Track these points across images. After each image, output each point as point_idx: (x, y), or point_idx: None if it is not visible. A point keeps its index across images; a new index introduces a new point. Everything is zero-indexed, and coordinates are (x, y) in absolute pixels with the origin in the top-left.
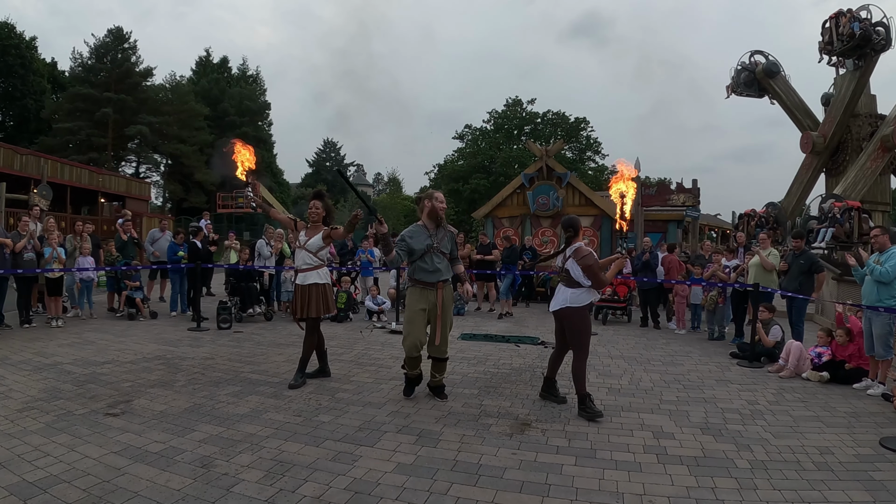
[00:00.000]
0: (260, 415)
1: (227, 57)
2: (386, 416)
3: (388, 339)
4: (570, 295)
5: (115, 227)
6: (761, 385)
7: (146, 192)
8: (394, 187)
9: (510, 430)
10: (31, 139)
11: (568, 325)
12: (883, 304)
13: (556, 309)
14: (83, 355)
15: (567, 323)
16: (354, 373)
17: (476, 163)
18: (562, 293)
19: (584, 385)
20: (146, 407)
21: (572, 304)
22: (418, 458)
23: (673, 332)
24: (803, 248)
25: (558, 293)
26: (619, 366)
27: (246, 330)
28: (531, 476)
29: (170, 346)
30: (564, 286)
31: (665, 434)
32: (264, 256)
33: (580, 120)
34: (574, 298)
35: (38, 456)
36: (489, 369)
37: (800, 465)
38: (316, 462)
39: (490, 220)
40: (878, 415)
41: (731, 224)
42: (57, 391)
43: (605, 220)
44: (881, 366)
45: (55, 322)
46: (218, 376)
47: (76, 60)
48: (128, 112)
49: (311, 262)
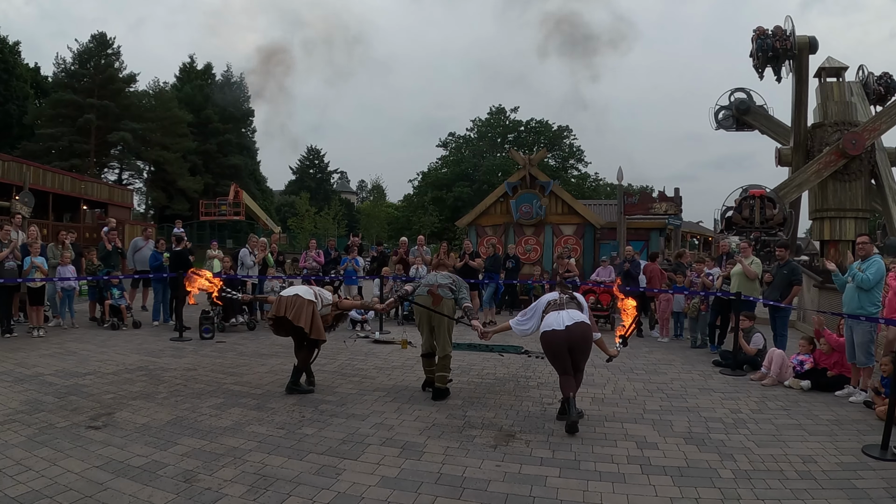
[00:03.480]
0: (243, 427)
1: (210, 63)
2: (370, 427)
3: (371, 349)
4: (586, 315)
5: (101, 235)
6: (744, 393)
7: (129, 200)
8: (377, 195)
9: (494, 441)
10: (14, 144)
11: (584, 342)
12: (864, 312)
13: (571, 323)
14: (65, 366)
15: (584, 339)
16: (338, 384)
17: (460, 171)
18: (572, 312)
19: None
20: (128, 420)
21: (587, 321)
22: (402, 470)
23: (656, 340)
24: (787, 259)
25: (567, 312)
26: (603, 375)
27: (228, 340)
28: (515, 489)
29: (152, 357)
30: (575, 310)
31: (649, 444)
32: (247, 266)
33: (563, 128)
34: (586, 316)
35: (20, 470)
36: (473, 379)
37: (783, 475)
38: (299, 476)
39: (473, 229)
40: (860, 422)
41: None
42: (38, 403)
43: (588, 229)
44: (863, 373)
45: (37, 332)
46: (200, 388)
47: (59, 66)
48: (111, 118)
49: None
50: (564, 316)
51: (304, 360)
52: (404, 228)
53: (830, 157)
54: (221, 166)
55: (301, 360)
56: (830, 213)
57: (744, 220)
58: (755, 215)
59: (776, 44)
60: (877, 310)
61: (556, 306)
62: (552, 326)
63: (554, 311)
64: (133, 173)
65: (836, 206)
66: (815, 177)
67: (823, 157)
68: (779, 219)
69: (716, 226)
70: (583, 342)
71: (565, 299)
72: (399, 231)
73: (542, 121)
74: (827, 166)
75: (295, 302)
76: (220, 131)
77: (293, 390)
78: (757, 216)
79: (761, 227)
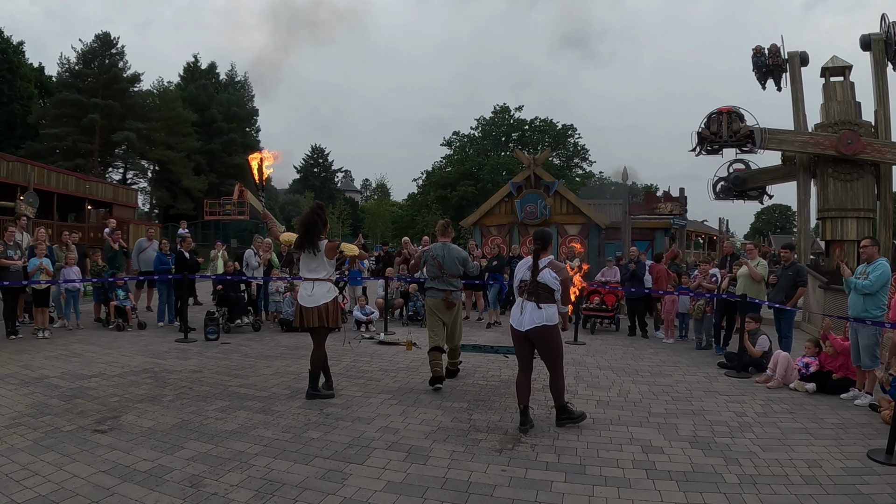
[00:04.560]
0: (248, 431)
1: (214, 63)
2: (375, 431)
3: (376, 350)
4: (544, 313)
5: (104, 236)
6: (749, 396)
7: (133, 199)
8: (381, 193)
9: (500, 445)
10: (18, 144)
11: (544, 345)
12: (868, 315)
13: (530, 328)
14: (70, 368)
15: (543, 342)
16: (343, 386)
17: (464, 169)
18: (533, 312)
19: (564, 395)
20: (134, 423)
21: (549, 322)
22: (408, 475)
23: (661, 342)
24: (792, 260)
25: (527, 311)
26: (608, 377)
27: (233, 341)
28: (521, 494)
29: (157, 359)
30: (534, 303)
31: (654, 448)
32: (252, 266)
33: (567, 127)
34: (550, 316)
35: (26, 475)
36: (478, 381)
37: (788, 480)
38: (305, 481)
39: (478, 229)
40: (865, 426)
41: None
42: (44, 406)
43: (593, 229)
44: (868, 376)
45: (42, 333)
46: (206, 390)
47: (63, 66)
48: (115, 118)
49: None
50: (526, 317)
51: (319, 358)
52: (408, 228)
53: (824, 140)
54: (226, 165)
55: (315, 359)
56: (832, 213)
57: (712, 135)
58: (723, 129)
59: (769, 61)
60: (882, 313)
61: (523, 291)
62: (513, 322)
63: (519, 300)
64: (137, 173)
65: (836, 206)
66: (800, 146)
67: (818, 136)
68: (745, 131)
69: (692, 143)
70: (542, 343)
71: (533, 286)
72: (403, 230)
73: (546, 119)
74: (816, 145)
75: (322, 310)
76: (225, 130)
77: (313, 396)
78: (725, 130)
79: (730, 141)
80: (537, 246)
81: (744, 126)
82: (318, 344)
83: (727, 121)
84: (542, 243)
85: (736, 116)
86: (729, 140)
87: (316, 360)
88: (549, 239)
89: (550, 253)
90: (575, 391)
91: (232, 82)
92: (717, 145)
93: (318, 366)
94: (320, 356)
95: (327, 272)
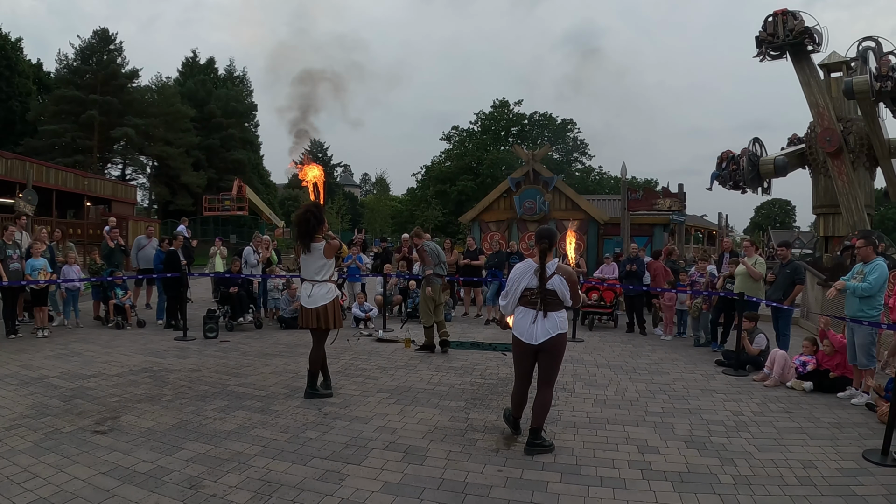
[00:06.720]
0: (247, 431)
1: (213, 58)
2: (373, 431)
3: (375, 348)
4: (557, 320)
5: (103, 234)
6: (746, 395)
7: (132, 196)
8: (381, 188)
9: (496, 445)
10: (16, 141)
11: (554, 356)
12: (864, 315)
13: (545, 339)
14: (69, 368)
15: (555, 352)
16: (341, 384)
17: (463, 164)
18: (547, 322)
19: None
20: (133, 424)
21: (563, 330)
22: (405, 476)
23: (659, 338)
24: (790, 258)
25: (539, 322)
26: (605, 375)
27: (233, 339)
28: (517, 495)
29: (156, 358)
30: (546, 312)
31: (650, 448)
32: (251, 264)
33: (567, 121)
34: (562, 322)
35: (27, 477)
36: (476, 380)
37: (783, 480)
38: (303, 482)
39: (477, 224)
40: (861, 425)
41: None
42: (44, 407)
43: (592, 224)
44: (864, 375)
45: (41, 332)
46: (205, 390)
47: (62, 62)
48: (113, 114)
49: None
50: (539, 328)
51: (318, 357)
52: (408, 222)
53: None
54: (225, 161)
55: (314, 357)
56: (823, 209)
57: (769, 36)
58: (779, 30)
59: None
60: (877, 313)
61: (529, 301)
62: (522, 335)
63: (525, 310)
64: (136, 169)
65: (827, 202)
66: (849, 186)
67: (833, 170)
68: (800, 27)
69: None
70: (552, 353)
71: (541, 295)
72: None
73: (545, 114)
74: (840, 176)
75: (321, 311)
76: (224, 126)
77: (312, 395)
78: (781, 30)
79: (787, 40)
80: (543, 246)
81: (798, 22)
82: (318, 344)
83: (782, 21)
84: (549, 243)
85: (790, 15)
86: (786, 39)
87: (314, 360)
88: (556, 237)
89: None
90: (572, 389)
91: (231, 77)
92: (777, 47)
93: (317, 365)
94: (319, 355)
95: (327, 273)
